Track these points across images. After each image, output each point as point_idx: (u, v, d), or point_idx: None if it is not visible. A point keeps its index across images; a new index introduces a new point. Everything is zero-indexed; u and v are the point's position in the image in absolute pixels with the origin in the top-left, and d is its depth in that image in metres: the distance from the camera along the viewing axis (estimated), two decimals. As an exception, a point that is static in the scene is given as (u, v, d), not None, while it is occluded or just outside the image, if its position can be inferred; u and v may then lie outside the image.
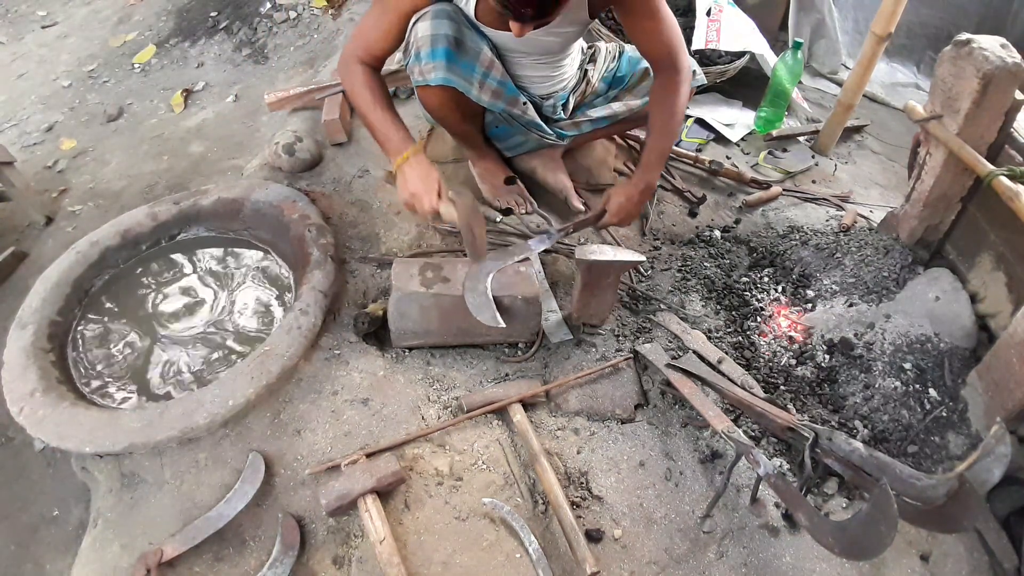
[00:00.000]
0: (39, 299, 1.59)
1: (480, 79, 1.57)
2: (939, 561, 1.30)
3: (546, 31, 1.46)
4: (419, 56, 1.50)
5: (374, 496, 1.26)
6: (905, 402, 1.47)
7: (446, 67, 1.49)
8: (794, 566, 1.26)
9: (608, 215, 1.60)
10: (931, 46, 2.87)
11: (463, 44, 1.51)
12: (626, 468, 1.40)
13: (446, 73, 1.50)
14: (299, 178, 2.04)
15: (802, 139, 2.46)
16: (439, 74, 1.50)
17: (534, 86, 1.74)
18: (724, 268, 1.89)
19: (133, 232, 1.79)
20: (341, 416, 1.43)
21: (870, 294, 1.66)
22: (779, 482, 1.15)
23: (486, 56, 1.55)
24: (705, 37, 2.40)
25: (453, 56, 1.49)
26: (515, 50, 1.61)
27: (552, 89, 1.77)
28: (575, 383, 1.53)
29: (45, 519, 1.47)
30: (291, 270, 1.77)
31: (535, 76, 1.71)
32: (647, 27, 1.51)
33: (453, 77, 1.52)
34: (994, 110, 1.46)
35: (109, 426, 1.34)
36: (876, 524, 0.93)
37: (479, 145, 1.90)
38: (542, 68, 1.70)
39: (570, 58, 1.75)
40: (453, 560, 1.23)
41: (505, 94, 1.63)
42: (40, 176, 2.34)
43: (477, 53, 1.54)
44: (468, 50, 1.52)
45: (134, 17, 3.24)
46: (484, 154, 1.93)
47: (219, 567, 1.24)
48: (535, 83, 1.73)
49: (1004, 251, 1.51)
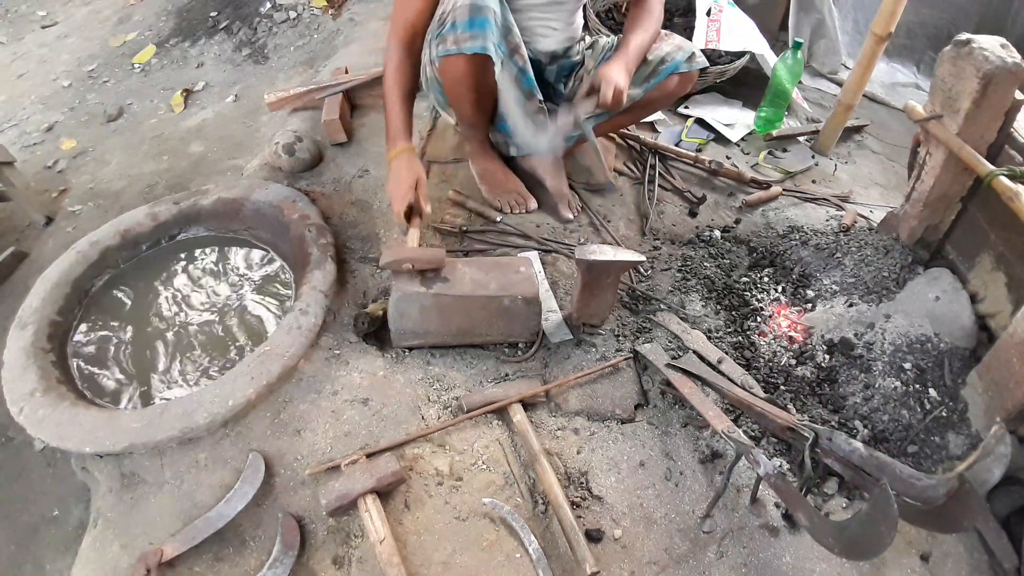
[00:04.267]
0: (39, 299, 1.59)
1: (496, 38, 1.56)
2: (939, 561, 1.30)
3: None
4: (455, 25, 1.49)
5: (374, 496, 1.26)
6: (905, 402, 1.47)
7: (486, 36, 1.49)
8: (794, 566, 1.26)
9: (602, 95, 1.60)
10: (931, 46, 2.87)
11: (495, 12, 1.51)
12: (626, 468, 1.40)
13: (484, 42, 1.49)
14: (299, 178, 2.04)
15: (802, 139, 2.46)
16: (477, 43, 1.49)
17: (540, 39, 1.76)
18: (724, 268, 1.88)
19: (133, 232, 1.79)
20: (341, 416, 1.43)
21: (870, 294, 1.66)
22: (779, 482, 1.15)
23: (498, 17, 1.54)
24: (705, 37, 2.41)
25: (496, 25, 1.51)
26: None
27: (560, 46, 1.81)
28: (575, 383, 1.53)
29: (45, 519, 1.47)
30: (291, 270, 1.77)
31: (543, 27, 1.74)
32: None
33: (489, 44, 1.51)
34: (994, 110, 1.46)
35: (109, 426, 1.34)
36: (876, 524, 0.93)
37: (483, 139, 1.90)
38: (549, 19, 1.73)
39: (576, 18, 1.79)
40: (453, 560, 1.23)
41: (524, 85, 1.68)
42: (40, 176, 2.34)
43: (500, 15, 1.54)
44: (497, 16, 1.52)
45: (134, 17, 3.24)
46: (485, 152, 1.93)
47: (219, 567, 1.24)
48: (542, 36, 1.76)
49: (1004, 251, 1.51)
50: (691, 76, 1.85)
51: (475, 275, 1.56)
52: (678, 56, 1.78)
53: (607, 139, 2.21)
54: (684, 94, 1.96)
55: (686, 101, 2.53)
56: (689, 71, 1.81)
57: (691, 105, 2.52)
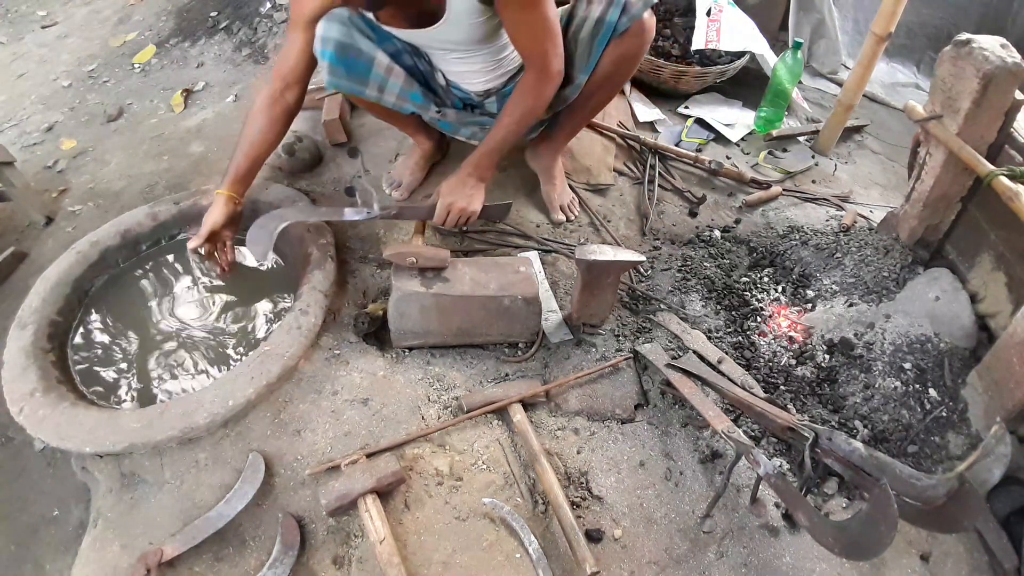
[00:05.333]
0: (39, 299, 1.59)
1: (379, 83, 1.57)
2: (939, 561, 1.30)
3: (445, 24, 1.44)
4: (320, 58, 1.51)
5: (374, 496, 1.26)
6: (905, 402, 1.47)
7: (329, 70, 1.50)
8: (794, 566, 1.26)
9: (437, 214, 1.62)
10: (931, 46, 2.87)
11: (354, 48, 1.49)
12: (626, 468, 1.40)
13: (331, 76, 1.52)
14: (299, 178, 2.04)
15: (802, 139, 2.45)
16: (326, 77, 1.52)
17: (467, 83, 1.69)
18: (724, 268, 1.88)
19: (133, 232, 1.79)
20: (341, 416, 1.43)
21: (870, 294, 1.66)
22: (779, 482, 1.15)
23: (382, 62, 1.54)
24: (705, 37, 2.41)
25: (338, 60, 1.48)
26: (429, 46, 1.59)
27: (491, 85, 1.70)
28: (575, 383, 1.53)
29: (45, 519, 1.47)
30: (291, 270, 1.77)
31: (467, 71, 1.65)
32: (519, 19, 1.42)
33: (340, 82, 1.53)
34: (994, 110, 1.46)
35: (109, 426, 1.34)
36: (876, 524, 0.93)
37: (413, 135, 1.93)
38: (473, 63, 1.62)
39: (506, 54, 1.64)
40: (453, 560, 1.23)
41: (411, 100, 1.63)
42: (40, 176, 2.34)
43: (372, 58, 1.52)
44: (362, 54, 1.50)
45: (134, 17, 3.24)
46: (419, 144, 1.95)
47: (219, 567, 1.24)
48: (468, 79, 1.68)
49: (1004, 251, 1.51)
50: (640, 29, 1.53)
51: (475, 275, 1.56)
52: (610, 13, 1.50)
53: (607, 139, 2.21)
54: (643, 52, 1.61)
55: (686, 101, 2.54)
56: (629, 26, 1.51)
57: (691, 105, 2.52)
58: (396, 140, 2.12)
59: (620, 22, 1.50)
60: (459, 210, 1.62)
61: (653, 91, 2.55)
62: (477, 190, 1.64)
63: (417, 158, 1.95)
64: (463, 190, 1.62)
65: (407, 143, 2.05)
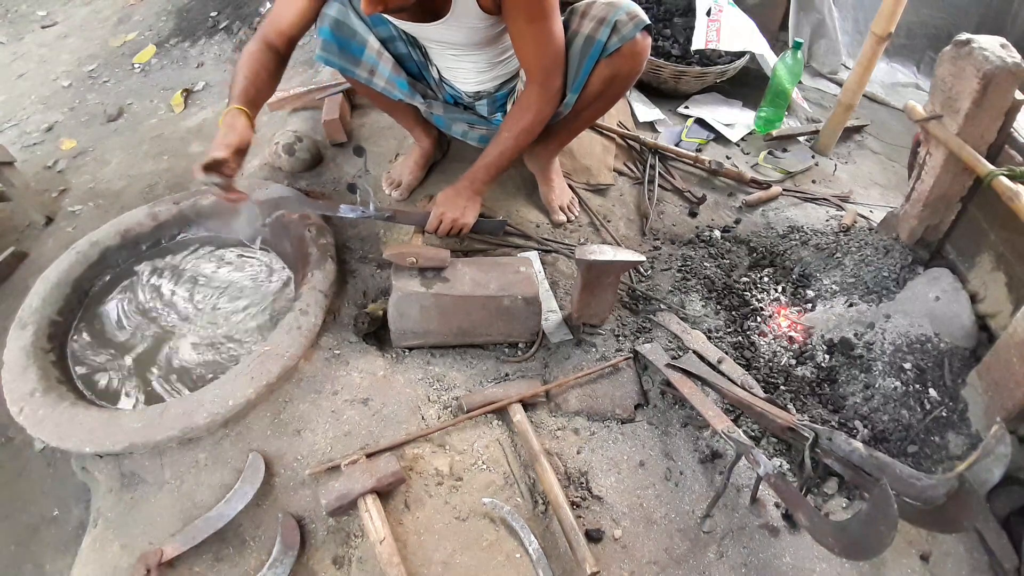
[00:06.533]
0: (39, 299, 1.59)
1: (371, 65, 1.58)
2: (939, 561, 1.30)
3: (445, 23, 1.45)
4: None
5: (374, 496, 1.26)
6: (905, 402, 1.47)
7: (323, 45, 1.52)
8: (794, 566, 1.26)
9: (429, 223, 1.63)
10: (931, 46, 2.87)
11: (348, 28, 1.51)
12: (626, 468, 1.40)
13: (323, 52, 1.54)
14: (299, 178, 2.04)
15: (802, 139, 2.45)
16: (318, 52, 1.54)
17: (460, 82, 1.70)
18: (724, 268, 1.88)
19: (133, 232, 1.79)
20: (341, 416, 1.43)
21: (870, 294, 1.66)
22: (779, 482, 1.15)
23: (373, 45, 1.56)
24: (705, 37, 2.41)
25: (333, 36, 1.51)
26: (428, 40, 1.59)
27: (482, 88, 1.70)
28: (575, 383, 1.53)
29: (45, 519, 1.47)
30: (291, 270, 1.77)
31: (460, 70, 1.66)
32: (526, 30, 1.41)
33: (332, 59, 1.55)
34: (994, 110, 1.46)
35: (109, 426, 1.34)
36: (876, 524, 0.93)
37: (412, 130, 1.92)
38: (467, 63, 1.62)
39: (502, 60, 1.63)
40: (453, 560, 1.23)
41: (398, 87, 1.64)
42: (40, 176, 2.34)
43: (365, 40, 1.54)
44: (356, 35, 1.53)
45: (134, 17, 3.24)
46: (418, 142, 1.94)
47: (219, 567, 1.24)
48: (460, 78, 1.68)
49: (1004, 251, 1.51)
50: (631, 50, 1.48)
51: (475, 275, 1.56)
52: (600, 32, 1.46)
53: (607, 139, 2.21)
54: (635, 74, 1.57)
55: (686, 101, 2.54)
56: (620, 46, 1.46)
57: (691, 105, 2.52)
58: (396, 140, 2.12)
59: (610, 42, 1.46)
60: (451, 220, 1.64)
61: (653, 91, 2.55)
62: (472, 203, 1.65)
63: (416, 157, 1.95)
64: (457, 201, 1.64)
65: (407, 143, 2.05)
